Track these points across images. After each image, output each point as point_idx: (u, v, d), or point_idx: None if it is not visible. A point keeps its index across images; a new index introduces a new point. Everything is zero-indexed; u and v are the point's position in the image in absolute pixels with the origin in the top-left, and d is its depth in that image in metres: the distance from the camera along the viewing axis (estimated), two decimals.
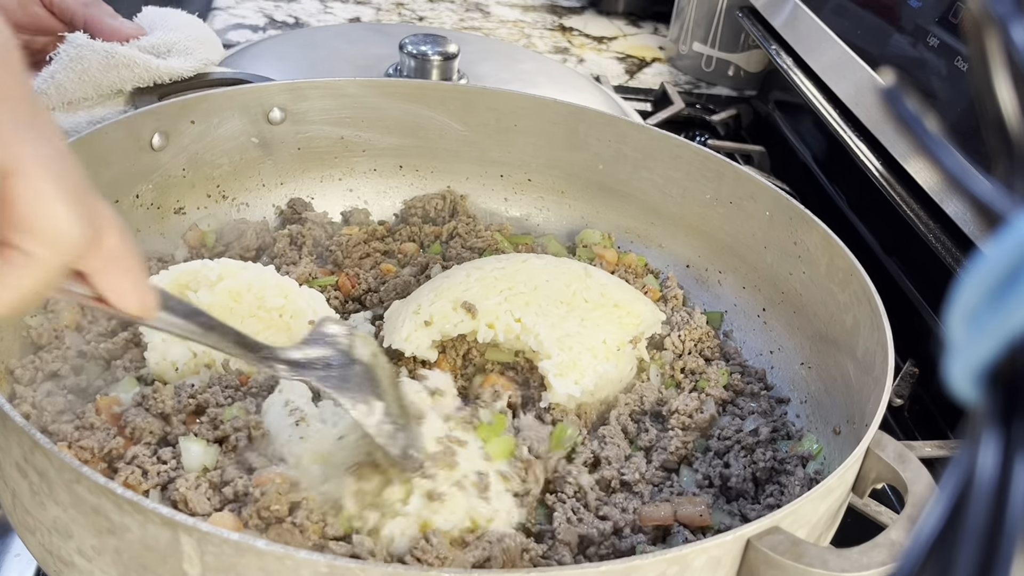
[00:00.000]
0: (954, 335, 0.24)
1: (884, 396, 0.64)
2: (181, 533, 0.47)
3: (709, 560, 0.51)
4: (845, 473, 0.58)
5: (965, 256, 0.86)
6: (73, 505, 0.50)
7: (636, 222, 1.00)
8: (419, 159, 1.01)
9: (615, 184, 1.00)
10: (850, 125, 1.10)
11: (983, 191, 0.25)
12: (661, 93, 1.56)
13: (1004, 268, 0.23)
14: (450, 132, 0.99)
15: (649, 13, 1.97)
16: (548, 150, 1.00)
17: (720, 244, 0.95)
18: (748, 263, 0.93)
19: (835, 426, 0.78)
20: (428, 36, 1.17)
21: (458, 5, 1.90)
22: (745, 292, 0.94)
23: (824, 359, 0.83)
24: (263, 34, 1.62)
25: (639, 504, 0.69)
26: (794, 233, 0.87)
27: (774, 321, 0.90)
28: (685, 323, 0.89)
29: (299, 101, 0.94)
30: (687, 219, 0.97)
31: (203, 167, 0.90)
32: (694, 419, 0.78)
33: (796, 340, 0.87)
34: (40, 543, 0.55)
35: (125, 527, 0.48)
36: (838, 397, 0.79)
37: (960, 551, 0.23)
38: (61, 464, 0.49)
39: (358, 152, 0.99)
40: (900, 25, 1.03)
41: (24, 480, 0.53)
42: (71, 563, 0.53)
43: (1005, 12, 0.25)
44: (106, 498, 0.48)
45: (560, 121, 0.98)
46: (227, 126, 0.89)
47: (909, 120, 0.26)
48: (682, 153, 0.95)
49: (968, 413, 0.25)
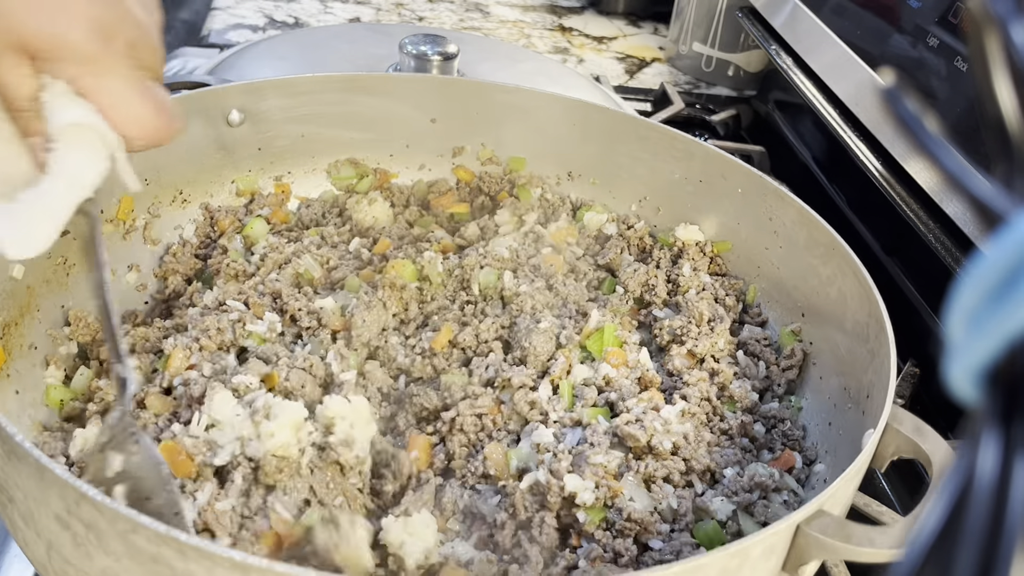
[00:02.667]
0: (954, 335, 0.24)
1: (892, 369, 0.65)
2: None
3: (765, 549, 0.53)
4: (869, 448, 0.60)
5: (965, 256, 0.86)
6: (128, 555, 0.48)
7: (602, 201, 1.02)
8: (379, 152, 1.01)
9: (582, 168, 1.01)
10: (850, 125, 1.10)
11: (983, 191, 0.25)
12: (661, 93, 1.56)
13: (1004, 268, 0.23)
14: (413, 123, 0.99)
15: (649, 13, 1.97)
16: (514, 136, 1.00)
17: (691, 223, 0.97)
18: (720, 239, 0.95)
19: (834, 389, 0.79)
20: (428, 36, 1.17)
21: (458, 5, 1.90)
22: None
23: (810, 329, 0.84)
24: (263, 34, 1.62)
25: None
26: (769, 209, 0.89)
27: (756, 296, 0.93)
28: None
29: (257, 102, 0.93)
30: (656, 198, 0.98)
31: (166, 175, 0.89)
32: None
33: (776, 313, 0.89)
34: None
35: (190, 573, 0.47)
36: (826, 365, 0.81)
37: (960, 551, 0.23)
38: (115, 515, 0.47)
39: (319, 148, 0.99)
40: (900, 25, 1.03)
41: (66, 532, 0.51)
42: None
43: (1005, 12, 0.25)
44: (168, 546, 0.46)
45: (525, 107, 0.99)
46: (188, 131, 0.88)
47: (909, 120, 0.26)
48: (649, 134, 0.96)
49: (968, 413, 0.25)
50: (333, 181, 1.00)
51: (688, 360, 0.82)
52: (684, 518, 0.67)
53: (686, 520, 0.67)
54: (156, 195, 0.88)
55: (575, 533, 0.65)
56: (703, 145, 0.94)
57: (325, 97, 0.96)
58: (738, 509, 0.68)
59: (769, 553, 0.53)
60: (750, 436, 0.76)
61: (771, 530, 0.52)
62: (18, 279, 0.72)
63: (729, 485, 0.70)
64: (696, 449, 0.72)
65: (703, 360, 0.83)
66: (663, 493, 0.68)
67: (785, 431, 0.78)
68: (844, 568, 0.79)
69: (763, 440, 0.77)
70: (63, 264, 0.77)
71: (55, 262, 0.77)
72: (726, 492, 0.69)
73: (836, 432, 0.76)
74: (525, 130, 1.00)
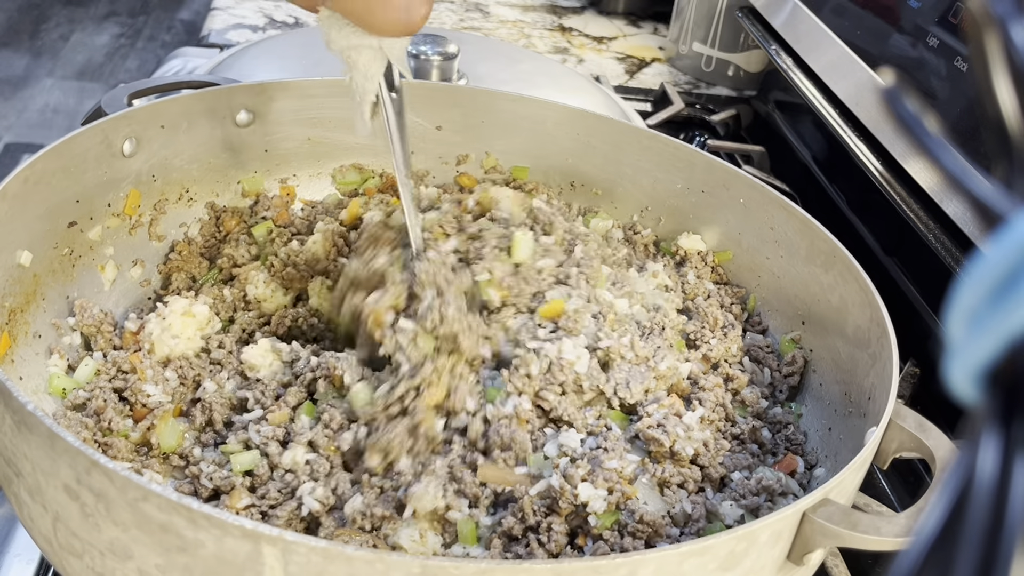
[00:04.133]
0: (954, 335, 0.24)
1: (895, 367, 0.66)
2: (264, 545, 0.45)
3: (772, 535, 0.53)
4: (873, 441, 0.60)
5: (965, 256, 0.86)
6: (136, 524, 0.48)
7: (605, 210, 1.02)
8: (384, 158, 1.00)
9: (584, 178, 1.01)
10: (850, 125, 1.10)
11: (983, 191, 0.25)
12: (661, 93, 1.56)
13: (1004, 268, 0.23)
14: (417, 129, 0.99)
15: (649, 13, 1.97)
16: (518, 145, 1.00)
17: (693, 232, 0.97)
18: (721, 249, 0.95)
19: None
20: (428, 36, 1.17)
21: (458, 5, 1.90)
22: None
23: (810, 337, 0.85)
24: (263, 34, 1.62)
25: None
26: (771, 219, 0.89)
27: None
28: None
29: (266, 103, 0.93)
30: (657, 209, 0.98)
31: (173, 172, 0.88)
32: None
33: (776, 321, 0.89)
34: (89, 566, 0.53)
35: (199, 543, 0.47)
36: (826, 371, 0.81)
37: (960, 551, 0.23)
38: (126, 483, 0.47)
39: (324, 152, 0.99)
40: (900, 25, 1.03)
41: (74, 503, 0.51)
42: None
43: (1005, 12, 0.25)
44: (179, 514, 0.46)
45: (529, 116, 0.99)
46: (195, 130, 0.88)
47: (909, 120, 0.26)
48: (652, 145, 0.96)
49: (968, 413, 0.25)
50: (338, 186, 1.00)
51: (703, 364, 0.82)
52: (696, 523, 0.67)
53: (698, 525, 0.67)
54: (163, 192, 0.88)
55: (582, 533, 0.65)
56: (705, 155, 0.94)
57: (333, 101, 0.96)
58: (745, 513, 0.68)
59: (776, 539, 0.54)
60: (759, 442, 0.76)
61: (778, 515, 0.52)
62: (25, 266, 0.72)
63: (737, 488, 0.70)
64: (715, 457, 0.72)
65: (717, 365, 0.83)
66: (676, 497, 0.68)
67: (789, 435, 0.78)
68: (844, 568, 0.80)
69: (769, 445, 0.77)
70: (69, 255, 0.78)
71: (61, 252, 0.77)
72: (734, 496, 0.69)
73: (836, 437, 0.76)
74: (529, 139, 1.00)
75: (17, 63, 4.08)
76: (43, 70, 4.05)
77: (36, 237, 0.74)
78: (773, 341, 0.88)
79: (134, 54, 4.29)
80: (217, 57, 1.24)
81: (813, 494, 0.54)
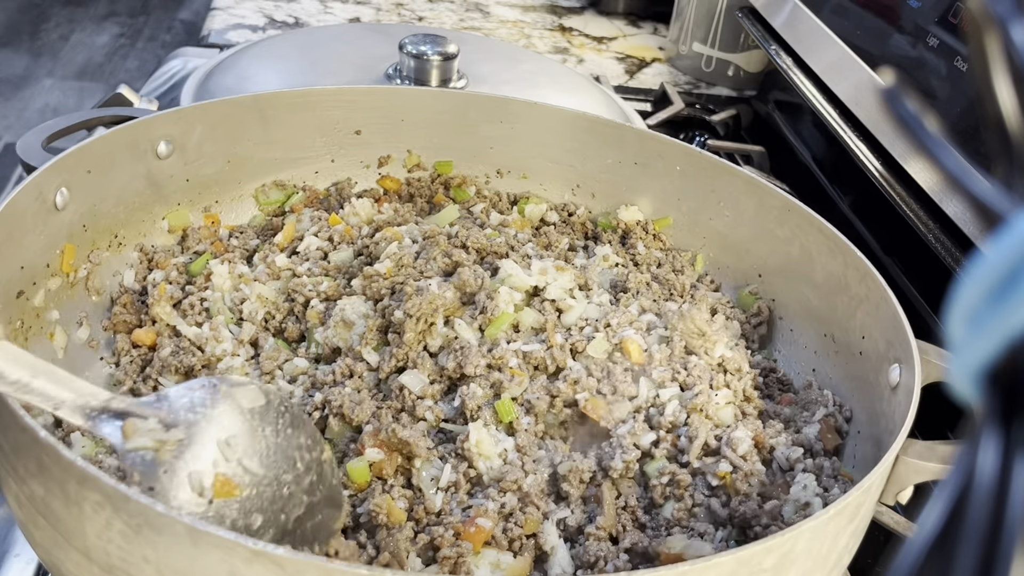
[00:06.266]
0: (954, 335, 0.24)
1: (896, 306, 0.68)
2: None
3: (880, 479, 0.57)
4: (918, 376, 0.63)
5: (965, 256, 0.86)
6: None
7: (535, 193, 1.02)
8: (303, 169, 0.98)
9: (509, 164, 1.01)
10: (850, 125, 1.10)
11: (983, 191, 0.25)
12: (661, 93, 1.56)
13: (1004, 268, 0.23)
14: (337, 136, 0.97)
15: (649, 13, 1.98)
16: (438, 138, 1.00)
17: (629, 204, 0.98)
18: (660, 216, 0.97)
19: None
20: (428, 36, 1.17)
21: (458, 5, 1.90)
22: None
23: (769, 288, 0.88)
24: (263, 34, 1.62)
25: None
26: (711, 182, 0.91)
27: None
28: None
29: (185, 130, 0.87)
30: (589, 185, 1.00)
31: (101, 219, 0.81)
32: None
33: (728, 278, 0.92)
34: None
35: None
36: (793, 318, 0.85)
37: (960, 551, 0.23)
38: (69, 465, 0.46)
39: (245, 173, 0.95)
40: (900, 25, 1.03)
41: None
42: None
43: (1005, 12, 0.25)
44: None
45: (448, 110, 0.98)
46: (118, 169, 0.82)
47: (909, 120, 0.26)
48: (578, 123, 0.97)
49: (968, 413, 0.25)
50: (261, 206, 0.96)
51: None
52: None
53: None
54: (94, 241, 0.81)
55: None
56: (635, 128, 0.96)
57: (246, 117, 0.92)
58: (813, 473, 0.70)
59: (880, 483, 0.58)
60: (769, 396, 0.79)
61: (882, 467, 0.55)
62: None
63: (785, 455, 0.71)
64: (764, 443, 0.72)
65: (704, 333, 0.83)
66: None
67: (779, 378, 0.82)
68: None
69: (764, 391, 0.80)
70: (21, 328, 0.72)
71: (15, 327, 0.71)
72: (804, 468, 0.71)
73: (825, 378, 0.80)
74: (450, 132, 0.99)
75: (17, 63, 4.08)
76: (43, 70, 4.05)
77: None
78: (733, 297, 0.91)
79: (134, 54, 4.29)
80: (217, 57, 1.24)
81: (900, 437, 0.57)
